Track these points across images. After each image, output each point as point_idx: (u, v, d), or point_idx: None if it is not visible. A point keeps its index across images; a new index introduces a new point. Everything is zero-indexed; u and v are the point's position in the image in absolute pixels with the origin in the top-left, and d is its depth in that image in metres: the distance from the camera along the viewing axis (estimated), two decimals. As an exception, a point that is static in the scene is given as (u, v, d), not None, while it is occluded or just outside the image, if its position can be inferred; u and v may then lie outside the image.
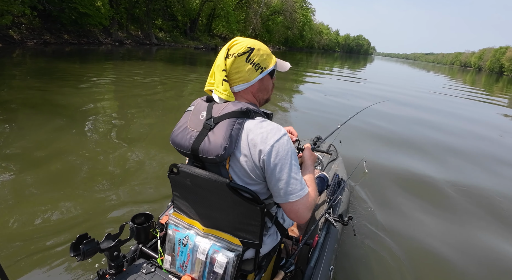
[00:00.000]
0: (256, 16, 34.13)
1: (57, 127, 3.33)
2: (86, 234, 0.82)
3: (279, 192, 0.81)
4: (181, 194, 0.92)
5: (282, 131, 0.80)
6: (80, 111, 3.97)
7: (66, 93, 4.81)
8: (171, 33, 23.69)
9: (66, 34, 14.35)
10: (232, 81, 0.85)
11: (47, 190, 2.13)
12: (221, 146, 0.76)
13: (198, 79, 7.85)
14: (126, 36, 18.68)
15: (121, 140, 3.17)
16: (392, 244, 1.92)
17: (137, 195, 2.15)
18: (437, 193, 2.78)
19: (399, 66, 42.69)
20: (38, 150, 2.72)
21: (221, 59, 0.84)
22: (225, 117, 0.79)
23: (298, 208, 0.82)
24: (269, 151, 0.76)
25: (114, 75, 7.16)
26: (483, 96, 12.11)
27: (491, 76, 44.94)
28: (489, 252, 2.01)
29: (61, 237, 1.66)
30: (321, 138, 2.56)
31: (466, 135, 5.11)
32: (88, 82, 5.78)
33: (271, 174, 0.79)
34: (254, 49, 0.85)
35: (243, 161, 0.79)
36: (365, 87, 10.79)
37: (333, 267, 1.27)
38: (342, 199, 1.73)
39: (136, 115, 4.13)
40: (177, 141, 0.86)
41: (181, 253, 0.91)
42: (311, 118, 5.03)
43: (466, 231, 2.23)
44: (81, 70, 7.17)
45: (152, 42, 20.47)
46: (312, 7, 53.53)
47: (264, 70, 0.87)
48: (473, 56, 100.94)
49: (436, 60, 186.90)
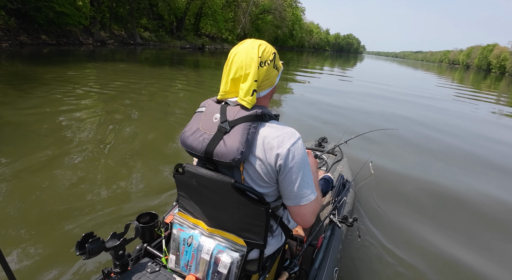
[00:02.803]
0: (245, 15, 34.27)
1: (46, 132, 3.27)
2: (92, 232, 0.84)
3: (291, 194, 0.83)
4: (186, 193, 0.94)
5: (297, 134, 0.82)
6: (74, 115, 3.90)
7: (34, 98, 4.51)
8: (157, 33, 23.45)
9: (44, 35, 13.95)
10: (260, 88, 0.86)
11: (52, 188, 2.17)
12: (238, 150, 0.77)
13: (185, 80, 7.81)
14: (108, 36, 18.35)
15: (124, 140, 3.22)
16: (397, 246, 1.95)
17: (142, 194, 2.20)
18: (445, 196, 2.77)
19: (389, 65, 43.69)
20: (38, 153, 2.69)
21: (255, 69, 0.82)
22: (241, 121, 0.81)
23: (305, 211, 0.85)
24: (286, 154, 0.79)
25: (94, 78, 7.01)
26: (471, 94, 12.63)
27: (479, 74, 46.69)
28: (500, 258, 1.99)
29: (67, 235, 1.70)
30: (326, 139, 2.62)
31: (472, 138, 5.11)
32: (65, 87, 5.47)
33: (285, 177, 0.81)
34: (275, 53, 0.88)
35: (258, 164, 0.81)
36: (357, 86, 11.06)
37: (337, 268, 1.29)
38: (347, 200, 1.74)
39: (135, 117, 4.11)
40: (188, 142, 0.86)
41: (186, 252, 0.93)
42: (306, 119, 5.09)
43: (473, 234, 2.24)
44: (57, 73, 6.91)
45: (137, 42, 20.20)
46: (302, 6, 54.18)
47: (279, 71, 0.91)
48: (461, 54, 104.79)
49: (425, 58, 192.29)
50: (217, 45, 29.61)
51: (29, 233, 1.72)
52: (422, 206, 2.55)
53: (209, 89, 7.14)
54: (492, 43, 77.63)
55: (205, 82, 8.42)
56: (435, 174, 3.27)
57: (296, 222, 0.89)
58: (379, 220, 2.20)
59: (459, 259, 1.92)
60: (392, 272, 1.73)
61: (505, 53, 67.75)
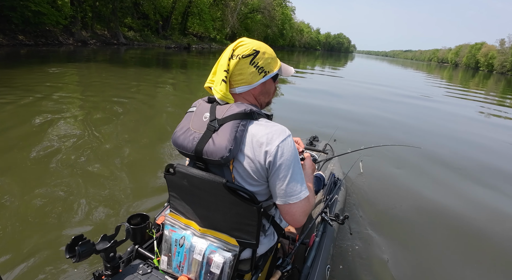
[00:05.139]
0: (233, 14, 34.36)
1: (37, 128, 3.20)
2: (82, 235, 0.85)
3: (280, 192, 0.84)
4: (177, 194, 0.95)
5: (287, 132, 0.83)
6: (55, 118, 3.83)
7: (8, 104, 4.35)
8: (142, 32, 23.19)
9: (21, 35, 13.57)
10: (234, 83, 0.88)
11: (40, 190, 2.16)
12: (226, 147, 0.79)
13: (172, 84, 7.76)
14: (90, 36, 18.02)
15: (115, 140, 3.20)
16: (388, 242, 2.01)
17: (133, 196, 2.20)
18: (436, 193, 2.87)
19: (379, 64, 44.71)
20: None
21: (225, 59, 0.86)
22: (229, 119, 0.82)
23: (295, 210, 0.85)
24: (275, 151, 0.80)
25: (76, 80, 6.88)
26: (460, 91, 13.08)
27: (467, 72, 48.33)
28: (489, 253, 2.06)
29: (56, 238, 1.69)
30: (317, 138, 2.69)
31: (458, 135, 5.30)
32: (43, 91, 5.26)
33: (274, 174, 0.82)
34: (259, 52, 0.87)
35: (247, 162, 0.82)
36: (349, 85, 11.27)
37: (329, 266, 1.32)
38: (338, 198, 1.78)
39: (123, 115, 4.05)
40: (179, 142, 0.87)
41: (178, 253, 0.94)
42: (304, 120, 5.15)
43: (461, 228, 2.35)
44: (35, 74, 6.75)
45: (120, 41, 19.92)
46: (292, 6, 54.84)
47: (267, 74, 0.90)
48: (450, 53, 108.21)
49: (414, 57, 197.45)
50: (205, 44, 29.51)
51: (17, 236, 1.71)
52: (411, 203, 2.65)
53: (195, 88, 7.11)
54: (480, 42, 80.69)
55: (190, 82, 8.39)
56: (427, 172, 3.39)
57: (287, 221, 0.89)
58: (369, 217, 2.28)
59: (452, 256, 2.00)
60: (383, 268, 1.80)
61: (492, 51, 70.43)
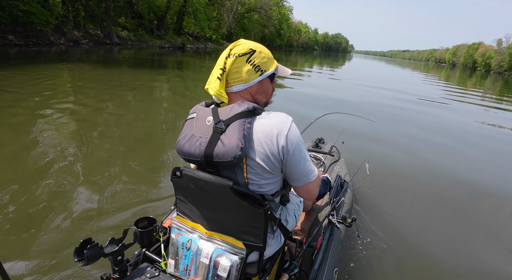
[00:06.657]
0: (229, 14, 34.43)
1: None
2: (90, 238, 0.86)
3: (299, 175, 0.90)
4: (184, 197, 0.97)
5: (290, 118, 0.89)
6: (52, 123, 3.81)
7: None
8: (136, 32, 23.13)
9: (11, 35, 13.45)
10: (231, 81, 0.92)
11: (47, 194, 2.18)
12: (237, 146, 0.81)
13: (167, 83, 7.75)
14: (82, 36, 17.91)
15: (122, 142, 3.26)
16: (396, 246, 2.00)
17: (140, 199, 2.23)
18: (442, 194, 2.85)
19: (377, 64, 45.04)
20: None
21: (222, 58, 0.91)
22: (235, 118, 0.84)
23: (312, 186, 0.94)
24: (285, 139, 0.84)
25: (68, 82, 6.82)
26: (458, 91, 13.28)
27: (464, 72, 48.92)
28: (497, 263, 2.01)
29: (65, 242, 1.72)
30: (323, 140, 2.69)
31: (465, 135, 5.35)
32: (35, 94, 5.18)
33: (290, 161, 0.87)
34: (256, 51, 0.92)
35: (260, 158, 0.85)
36: (347, 87, 11.36)
37: (337, 269, 1.32)
38: (345, 200, 1.78)
39: (132, 118, 4.04)
40: (185, 150, 0.89)
41: (185, 257, 0.95)
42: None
43: (473, 233, 2.31)
44: (25, 75, 6.66)
45: (113, 41, 19.83)
46: (289, 6, 55.09)
47: (264, 72, 0.94)
48: (447, 53, 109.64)
49: (412, 57, 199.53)
50: (200, 44, 29.50)
51: (25, 240, 1.72)
52: (421, 205, 2.64)
53: (190, 91, 7.13)
54: (478, 42, 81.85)
55: (185, 83, 8.40)
56: (435, 172, 3.39)
57: (304, 198, 0.99)
58: (377, 219, 2.25)
59: (459, 258, 2.00)
60: (392, 271, 1.78)
61: (490, 51, 71.45)
